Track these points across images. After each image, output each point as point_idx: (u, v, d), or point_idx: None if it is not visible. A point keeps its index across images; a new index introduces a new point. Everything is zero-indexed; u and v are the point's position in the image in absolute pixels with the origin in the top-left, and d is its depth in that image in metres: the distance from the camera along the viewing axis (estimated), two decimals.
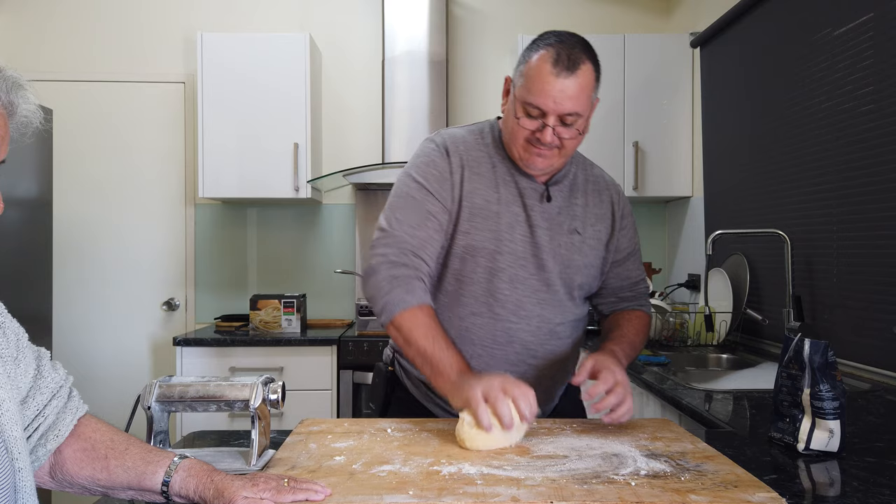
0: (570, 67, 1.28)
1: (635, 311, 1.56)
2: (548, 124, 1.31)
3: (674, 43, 3.35)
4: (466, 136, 1.45)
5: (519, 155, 1.38)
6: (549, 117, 1.31)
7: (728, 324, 2.70)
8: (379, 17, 3.57)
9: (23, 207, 2.91)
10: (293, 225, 3.72)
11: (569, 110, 1.30)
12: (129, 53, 3.68)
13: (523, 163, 1.38)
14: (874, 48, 1.99)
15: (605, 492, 0.93)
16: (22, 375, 0.92)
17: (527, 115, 1.33)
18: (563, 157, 1.38)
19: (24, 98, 0.89)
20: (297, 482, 0.92)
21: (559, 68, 1.28)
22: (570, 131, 1.33)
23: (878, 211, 1.97)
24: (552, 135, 1.31)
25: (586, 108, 1.33)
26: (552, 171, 1.43)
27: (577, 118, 1.32)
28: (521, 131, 1.34)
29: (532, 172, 1.41)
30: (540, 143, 1.33)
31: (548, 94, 1.29)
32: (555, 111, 1.30)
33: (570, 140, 1.34)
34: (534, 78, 1.30)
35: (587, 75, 1.31)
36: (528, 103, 1.31)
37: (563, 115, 1.31)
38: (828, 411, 1.14)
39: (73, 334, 3.63)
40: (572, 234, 1.44)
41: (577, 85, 1.29)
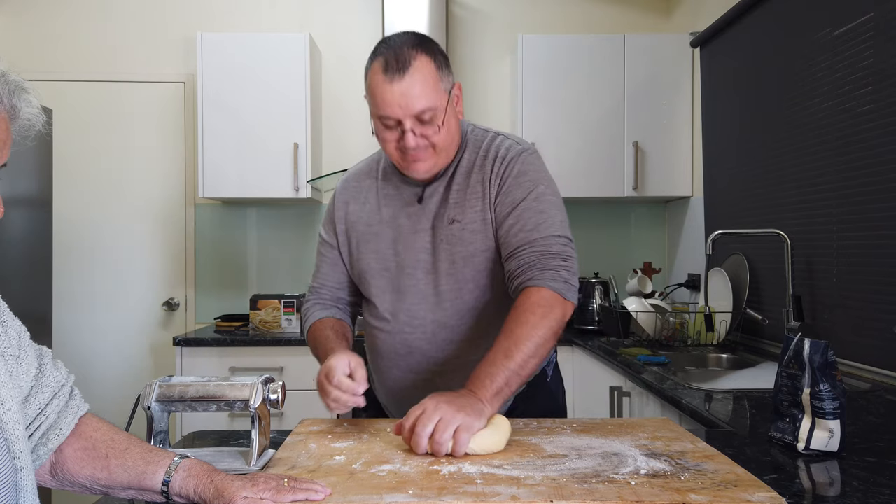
0: (400, 69, 1.28)
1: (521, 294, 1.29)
2: (406, 129, 1.30)
3: (674, 43, 3.35)
4: (361, 169, 1.55)
5: (399, 166, 1.40)
6: (405, 122, 1.30)
7: (728, 324, 2.70)
8: (379, 17, 3.57)
9: (23, 207, 2.91)
10: (293, 225, 3.72)
11: (418, 109, 1.29)
12: (129, 53, 3.68)
13: (407, 172, 1.39)
14: (874, 48, 1.99)
15: (605, 491, 0.93)
16: (24, 374, 0.93)
17: (386, 128, 1.33)
18: (441, 153, 1.36)
19: (26, 101, 0.90)
20: (297, 482, 0.92)
21: (391, 73, 1.29)
22: (430, 128, 1.31)
23: (878, 211, 1.97)
24: (414, 137, 1.31)
25: (437, 100, 1.30)
26: (438, 170, 1.40)
27: (432, 113, 1.30)
28: (388, 144, 1.35)
29: (421, 178, 1.40)
30: (408, 150, 1.32)
31: (390, 102, 1.29)
32: (405, 115, 1.29)
33: (437, 136, 1.32)
34: (374, 92, 1.33)
35: (423, 69, 1.30)
36: (380, 117, 1.33)
37: (417, 115, 1.29)
38: (828, 411, 1.14)
39: (73, 334, 3.63)
40: (452, 223, 1.39)
41: (416, 82, 1.28)
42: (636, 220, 3.77)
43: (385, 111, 1.30)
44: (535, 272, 1.30)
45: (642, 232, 3.77)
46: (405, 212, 1.44)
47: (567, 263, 1.32)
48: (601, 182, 3.35)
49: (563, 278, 1.30)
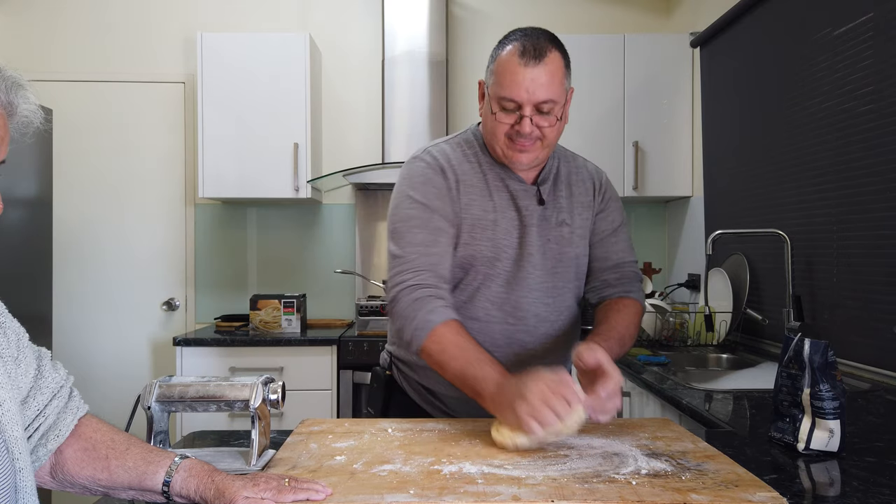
0: (537, 56, 1.31)
1: (624, 299, 1.50)
2: (524, 115, 1.33)
3: (674, 43, 3.35)
4: (453, 150, 1.46)
5: (503, 153, 1.39)
6: (525, 108, 1.32)
7: (728, 324, 2.70)
8: (379, 17, 3.57)
9: (23, 207, 2.91)
10: (293, 225, 3.72)
11: (542, 98, 1.32)
12: (129, 53, 3.68)
13: (508, 160, 1.40)
14: (874, 48, 1.99)
15: (605, 491, 0.93)
16: (22, 375, 0.92)
17: (503, 110, 1.34)
18: (545, 148, 1.39)
19: (24, 98, 0.89)
20: (298, 482, 0.92)
21: (527, 58, 1.31)
22: (547, 119, 1.35)
23: (878, 211, 1.97)
24: (531, 125, 1.33)
25: (560, 95, 1.35)
26: (538, 165, 1.44)
27: (552, 105, 1.33)
28: (501, 127, 1.36)
29: (518, 169, 1.43)
30: (520, 136, 1.35)
31: (519, 85, 1.31)
32: (529, 101, 1.32)
33: (549, 129, 1.35)
34: (504, 72, 1.33)
35: (555, 62, 1.34)
36: (503, 97, 1.33)
37: (538, 104, 1.32)
38: (828, 411, 1.14)
39: (73, 334, 3.63)
40: (561, 226, 1.46)
41: (547, 72, 1.32)
42: (636, 220, 3.77)
43: (511, 93, 1.32)
44: (633, 287, 1.52)
45: (642, 232, 3.77)
46: (513, 204, 1.44)
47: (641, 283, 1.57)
48: None
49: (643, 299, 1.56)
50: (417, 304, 1.29)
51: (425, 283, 1.31)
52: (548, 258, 1.45)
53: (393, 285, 1.34)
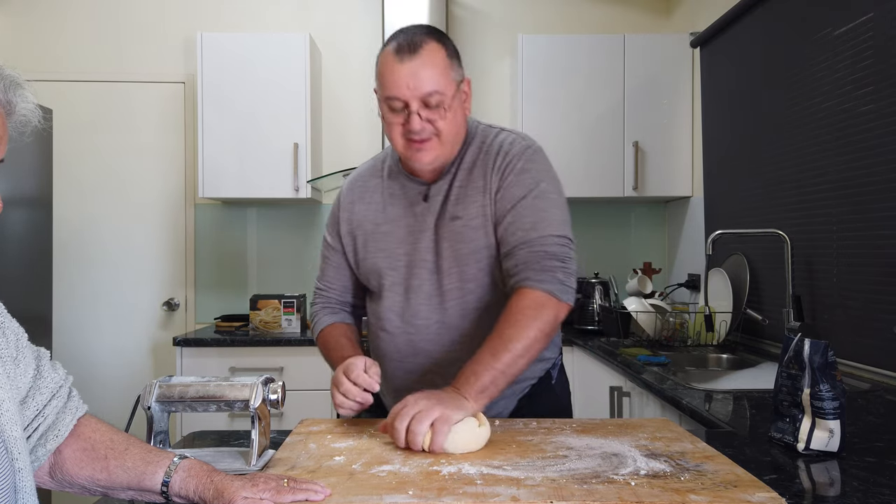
0: (411, 50, 1.30)
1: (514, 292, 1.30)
2: (411, 111, 1.30)
3: (674, 43, 3.35)
4: (366, 170, 1.55)
5: (403, 155, 1.38)
6: (412, 103, 1.30)
7: (728, 324, 2.70)
8: (379, 17, 3.57)
9: (23, 207, 2.91)
10: (293, 225, 3.72)
11: (425, 90, 1.29)
12: (129, 53, 3.68)
13: (410, 162, 1.38)
14: (874, 48, 1.99)
15: (604, 491, 0.93)
16: (21, 375, 0.92)
17: (392, 111, 1.33)
18: (444, 144, 1.34)
19: (22, 97, 0.89)
20: (297, 482, 0.92)
21: (402, 54, 1.30)
22: (437, 112, 1.31)
23: (878, 211, 1.97)
24: (420, 121, 1.30)
25: (445, 86, 1.31)
26: (442, 162, 1.38)
27: (439, 97, 1.30)
28: (395, 129, 1.34)
29: (422, 169, 1.38)
30: (412, 134, 1.31)
31: (399, 81, 1.29)
32: (412, 96, 1.29)
33: (442, 122, 1.32)
34: (384, 72, 1.32)
35: (433, 53, 1.31)
36: (388, 97, 1.32)
37: (423, 98, 1.29)
38: (828, 411, 1.14)
39: (73, 334, 3.63)
40: (453, 220, 1.38)
41: (424, 64, 1.29)
42: (636, 220, 3.77)
43: (393, 91, 1.30)
44: (531, 272, 1.30)
45: (642, 232, 3.77)
46: (411, 210, 1.44)
47: (564, 264, 1.32)
48: (601, 182, 3.35)
49: (559, 279, 1.30)
50: (312, 318, 1.59)
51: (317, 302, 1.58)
52: (443, 258, 1.38)
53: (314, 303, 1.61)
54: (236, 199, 3.50)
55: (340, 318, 1.55)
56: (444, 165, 1.41)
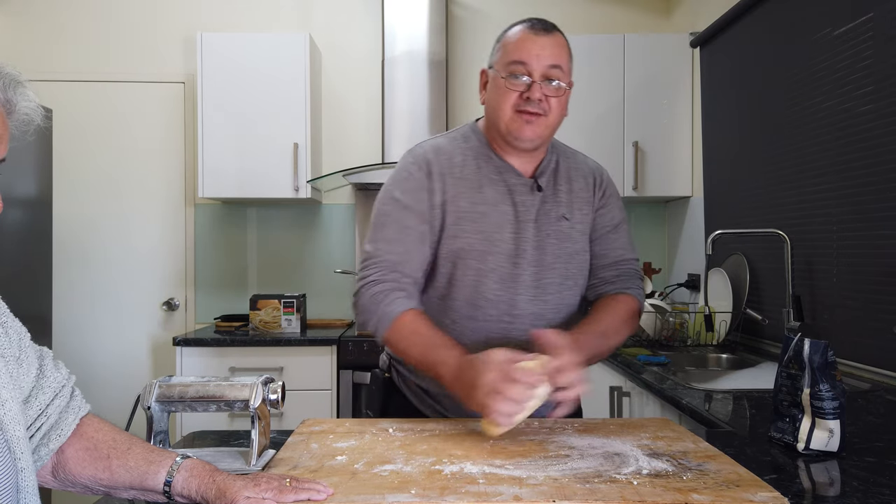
0: (546, 29, 1.39)
1: (619, 295, 1.47)
2: (534, 80, 1.35)
3: (674, 43, 3.35)
4: (446, 144, 1.46)
5: (506, 127, 1.38)
6: (535, 73, 1.36)
7: (728, 324, 2.70)
8: (379, 17, 3.57)
9: (23, 207, 2.91)
10: (293, 225, 3.72)
11: (552, 61, 1.36)
12: (128, 53, 3.68)
13: (512, 135, 1.38)
14: (874, 48, 1.99)
15: (607, 491, 0.93)
16: (24, 375, 0.92)
17: (512, 77, 1.37)
18: (550, 126, 1.40)
19: (23, 96, 0.89)
20: (299, 482, 0.92)
21: (537, 30, 1.38)
22: (556, 89, 1.37)
23: (878, 211, 1.97)
24: (540, 91, 1.35)
25: (566, 69, 1.40)
26: (540, 146, 1.43)
27: (560, 74, 1.37)
28: (508, 97, 1.37)
29: (522, 146, 1.40)
30: (529, 104, 1.35)
31: (530, 50, 1.36)
32: (539, 62, 1.35)
33: (555, 101, 1.38)
34: (514, 41, 1.38)
35: (563, 39, 1.41)
36: (513, 62, 1.36)
37: (547, 71, 1.36)
38: (828, 411, 1.14)
39: (73, 334, 3.63)
40: (560, 220, 1.44)
41: (555, 42, 1.38)
42: (636, 220, 3.77)
43: (523, 56, 1.36)
44: (632, 284, 1.50)
45: (642, 232, 3.77)
46: (510, 198, 1.41)
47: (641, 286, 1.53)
48: None
49: (643, 297, 1.52)
50: (377, 297, 1.33)
51: (386, 279, 1.35)
52: (546, 254, 1.41)
53: (359, 279, 1.38)
54: (236, 199, 3.50)
55: (415, 305, 1.35)
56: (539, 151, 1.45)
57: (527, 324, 1.40)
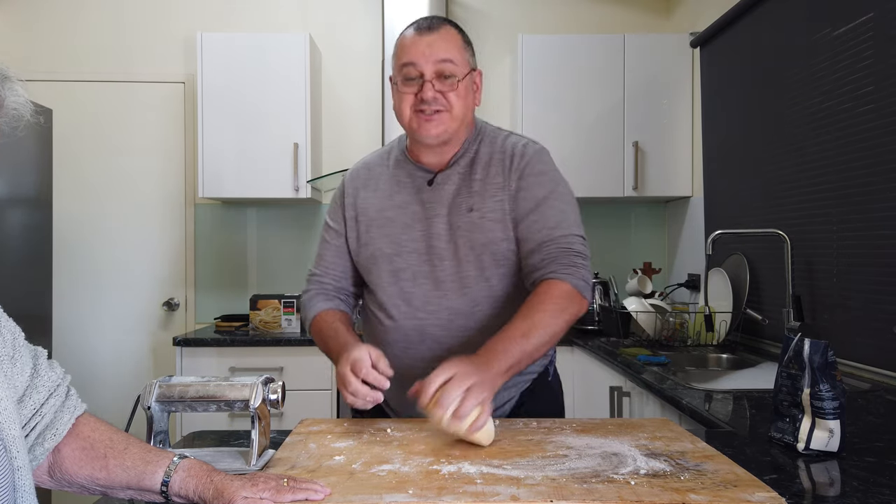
0: (430, 27, 1.39)
1: (542, 283, 1.34)
2: (426, 79, 1.36)
3: (674, 43, 3.35)
4: (372, 159, 1.57)
5: (410, 128, 1.41)
6: (426, 70, 1.36)
7: (728, 324, 2.69)
8: (379, 17, 3.57)
9: (23, 207, 2.91)
10: (293, 225, 3.72)
11: (440, 57, 1.36)
12: (129, 53, 3.68)
13: (417, 133, 1.40)
14: (874, 48, 1.99)
15: (604, 491, 0.93)
16: (18, 374, 0.92)
17: (405, 81, 1.39)
18: (454, 119, 1.39)
19: (11, 90, 0.87)
20: (297, 482, 0.92)
21: (421, 30, 1.39)
22: (449, 84, 1.37)
23: (878, 211, 1.97)
24: (433, 90, 1.36)
25: (459, 60, 1.39)
26: (449, 140, 1.42)
27: (452, 67, 1.37)
28: (406, 100, 1.39)
29: (429, 143, 1.41)
30: (424, 104, 1.37)
31: (415, 50, 1.38)
32: (427, 61, 1.36)
33: (453, 95, 1.37)
34: (401, 45, 1.41)
35: (449, 32, 1.40)
36: (403, 65, 1.39)
37: (437, 67, 1.36)
38: (828, 411, 1.14)
39: (73, 334, 3.63)
40: (470, 212, 1.42)
41: (441, 37, 1.38)
42: (636, 220, 3.77)
43: (410, 57, 1.38)
44: (559, 266, 1.35)
45: (642, 232, 3.77)
46: (418, 198, 1.45)
47: (586, 263, 1.39)
48: (601, 182, 3.35)
49: (583, 276, 1.36)
50: (304, 303, 1.55)
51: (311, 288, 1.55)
52: (459, 247, 1.41)
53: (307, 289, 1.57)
54: (236, 199, 3.50)
55: (335, 305, 1.52)
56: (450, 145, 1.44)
57: (443, 319, 1.43)
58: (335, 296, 1.54)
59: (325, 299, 1.52)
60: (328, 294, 1.54)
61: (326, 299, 1.53)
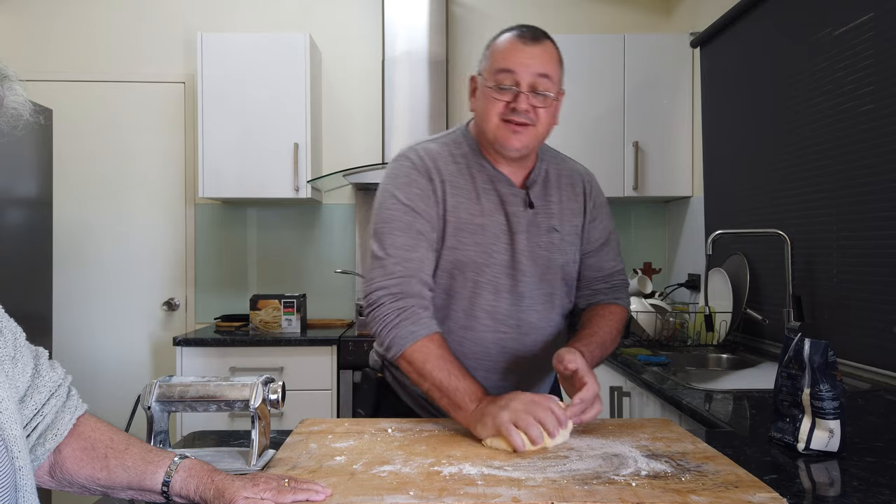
0: (535, 38, 1.37)
1: (610, 305, 1.52)
2: (521, 90, 1.34)
3: (674, 43, 3.35)
4: (440, 150, 1.43)
5: (494, 136, 1.37)
6: (522, 83, 1.34)
7: (728, 324, 2.70)
8: (379, 17, 3.57)
9: (23, 207, 2.91)
10: (293, 225, 3.72)
11: (539, 71, 1.34)
12: (129, 53, 3.68)
13: (499, 144, 1.37)
14: (874, 48, 1.99)
15: (605, 492, 0.93)
16: (20, 374, 0.92)
17: (499, 87, 1.35)
18: (537, 136, 1.38)
19: (10, 89, 0.88)
20: (298, 482, 0.92)
21: (525, 39, 1.36)
22: (542, 100, 1.35)
23: (878, 211, 1.97)
24: (527, 102, 1.34)
25: (556, 76, 1.37)
26: (527, 155, 1.42)
27: (548, 84, 1.35)
28: (495, 106, 1.35)
29: (508, 155, 1.39)
30: (515, 114, 1.34)
31: (517, 59, 1.34)
32: (526, 72, 1.33)
33: (543, 111, 1.36)
34: (502, 50, 1.37)
35: (552, 49, 1.39)
36: (500, 70, 1.34)
37: (535, 80, 1.34)
38: (828, 411, 1.14)
39: (73, 334, 3.63)
40: (551, 232, 1.44)
41: (544, 51, 1.36)
42: (636, 220, 3.77)
43: (510, 64, 1.34)
44: (623, 294, 1.56)
45: (642, 232, 3.77)
46: (502, 209, 1.41)
47: None
48: (601, 182, 3.31)
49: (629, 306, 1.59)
50: (402, 313, 1.29)
51: (409, 293, 1.31)
52: (538, 265, 1.43)
53: (375, 288, 1.32)
54: (236, 199, 3.50)
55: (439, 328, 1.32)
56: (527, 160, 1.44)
57: (522, 333, 1.43)
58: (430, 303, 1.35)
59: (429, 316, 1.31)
60: (429, 309, 1.33)
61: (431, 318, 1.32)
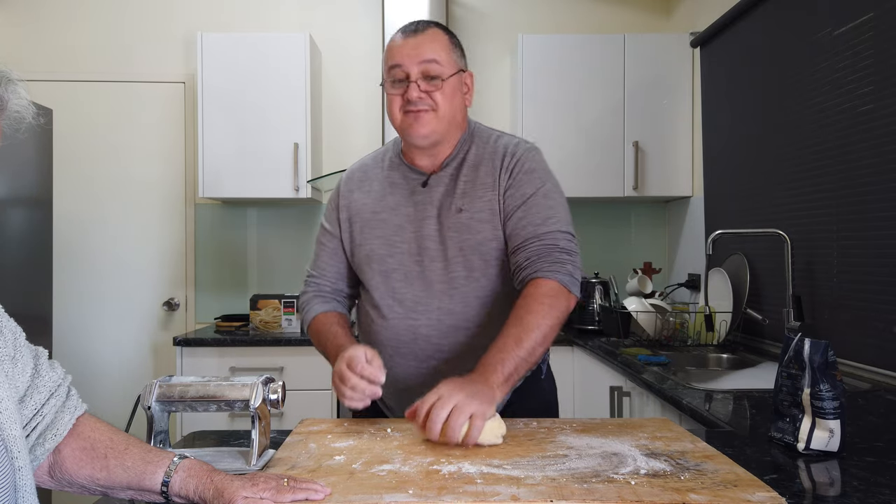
0: (416, 29, 1.43)
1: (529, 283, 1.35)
2: (411, 80, 1.39)
3: (674, 43, 3.35)
4: (367, 161, 1.59)
5: (401, 129, 1.44)
6: (411, 71, 1.39)
7: (728, 324, 2.69)
8: (379, 17, 3.57)
9: (23, 207, 2.91)
10: (293, 225, 3.72)
11: (424, 58, 1.39)
12: (129, 53, 3.68)
13: (407, 135, 1.43)
14: (874, 48, 1.99)
15: (604, 491, 0.93)
16: (20, 374, 0.92)
17: (393, 83, 1.41)
18: (441, 119, 1.41)
19: (14, 93, 0.88)
20: (297, 482, 0.92)
21: (407, 33, 1.43)
22: (434, 85, 1.39)
23: (878, 211, 1.97)
24: (418, 90, 1.38)
25: (445, 60, 1.40)
26: (437, 141, 1.44)
27: (438, 67, 1.39)
28: (395, 102, 1.42)
29: (419, 144, 1.44)
30: (410, 104, 1.39)
31: (402, 52, 1.41)
32: (412, 62, 1.39)
33: (440, 95, 1.39)
34: (390, 48, 1.44)
35: (436, 34, 1.43)
36: (392, 67, 1.41)
37: (423, 67, 1.38)
38: (828, 411, 1.14)
39: (73, 334, 3.63)
40: (459, 213, 1.44)
41: (427, 39, 1.41)
42: (636, 220, 3.77)
43: (395, 59, 1.41)
44: (544, 264, 1.36)
45: (642, 232, 3.77)
46: (412, 199, 1.48)
47: (572, 258, 1.39)
48: (601, 182, 3.35)
49: (569, 272, 1.37)
50: (301, 304, 1.59)
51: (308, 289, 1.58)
52: (448, 248, 1.43)
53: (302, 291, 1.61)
54: (236, 199, 3.50)
55: (332, 307, 1.55)
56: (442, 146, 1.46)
57: (433, 319, 1.45)
58: (332, 298, 1.57)
59: (322, 301, 1.55)
60: (325, 296, 1.56)
61: (323, 301, 1.55)
